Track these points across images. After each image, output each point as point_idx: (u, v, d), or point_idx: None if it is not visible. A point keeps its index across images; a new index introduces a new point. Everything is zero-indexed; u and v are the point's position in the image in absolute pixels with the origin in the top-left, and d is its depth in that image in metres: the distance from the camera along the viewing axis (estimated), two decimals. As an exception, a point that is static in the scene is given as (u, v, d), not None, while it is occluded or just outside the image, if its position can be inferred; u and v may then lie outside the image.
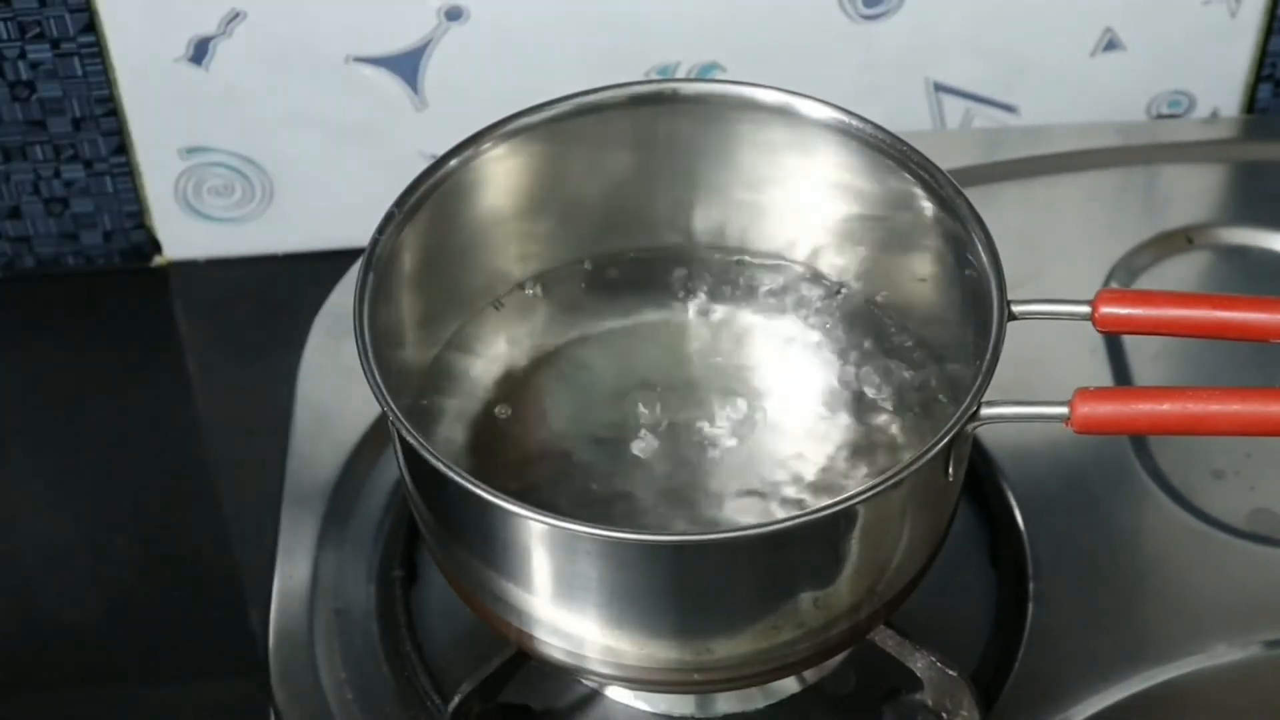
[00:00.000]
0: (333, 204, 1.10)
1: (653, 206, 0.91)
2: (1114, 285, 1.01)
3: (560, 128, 0.87)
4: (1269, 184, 1.09)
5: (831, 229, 0.90)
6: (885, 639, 0.84)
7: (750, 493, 0.85)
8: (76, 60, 1.04)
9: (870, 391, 0.88)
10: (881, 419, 0.87)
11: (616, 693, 0.88)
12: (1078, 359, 0.98)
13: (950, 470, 0.78)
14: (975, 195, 0.83)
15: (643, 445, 0.86)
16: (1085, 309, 0.80)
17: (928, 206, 0.84)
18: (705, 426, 0.87)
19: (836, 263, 0.91)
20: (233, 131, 1.08)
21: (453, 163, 0.85)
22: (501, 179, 0.88)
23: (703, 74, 1.07)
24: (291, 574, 0.91)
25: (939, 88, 1.10)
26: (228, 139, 1.08)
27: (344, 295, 0.95)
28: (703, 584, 0.76)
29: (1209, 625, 0.89)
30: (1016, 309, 0.79)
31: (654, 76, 1.07)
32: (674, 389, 0.88)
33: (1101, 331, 0.80)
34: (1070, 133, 1.10)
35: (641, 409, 0.87)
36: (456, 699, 0.84)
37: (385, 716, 0.87)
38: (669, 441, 0.86)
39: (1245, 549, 0.92)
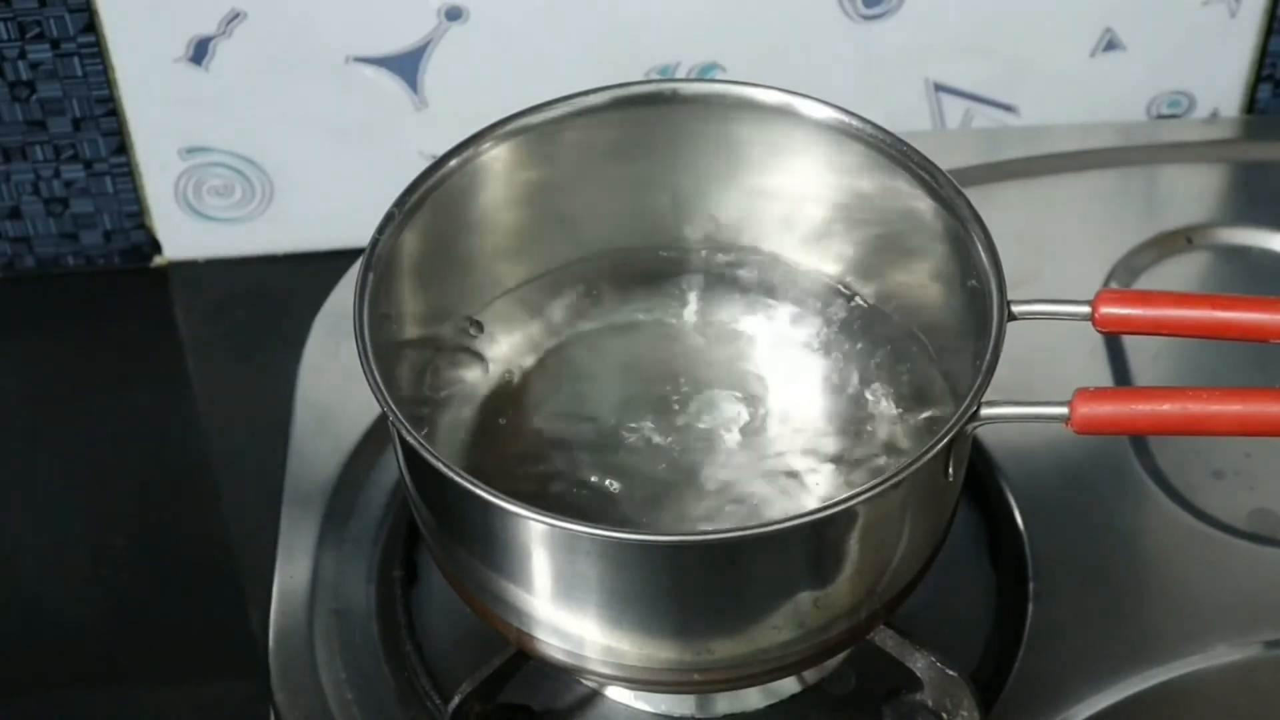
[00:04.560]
0: (333, 204, 1.10)
1: (652, 207, 0.91)
2: (1114, 285, 1.01)
3: (560, 128, 0.87)
4: (1269, 184, 1.09)
5: (831, 229, 0.90)
6: (885, 639, 0.84)
7: (750, 493, 0.85)
8: (76, 60, 1.04)
9: (870, 391, 0.88)
10: (881, 419, 0.87)
11: (616, 693, 0.88)
12: (1078, 359, 0.98)
13: (950, 470, 0.78)
14: (975, 195, 0.83)
15: (643, 445, 0.86)
16: (1085, 309, 0.80)
17: (928, 206, 0.84)
18: (705, 426, 0.87)
19: (836, 263, 0.91)
20: (233, 131, 1.08)
21: (453, 163, 0.85)
22: (501, 179, 0.88)
23: (703, 74, 1.07)
24: (291, 574, 0.91)
25: (939, 88, 1.10)
26: (228, 139, 1.08)
27: (344, 295, 0.95)
28: (703, 584, 0.76)
29: (1209, 625, 0.89)
30: (1016, 309, 0.79)
31: (654, 76, 1.07)
32: (674, 389, 0.88)
33: (1101, 331, 0.80)
34: (1070, 133, 1.10)
35: (641, 409, 0.87)
36: (456, 699, 0.84)
37: (385, 716, 0.87)
38: (669, 441, 0.86)
39: (1245, 549, 0.92)
